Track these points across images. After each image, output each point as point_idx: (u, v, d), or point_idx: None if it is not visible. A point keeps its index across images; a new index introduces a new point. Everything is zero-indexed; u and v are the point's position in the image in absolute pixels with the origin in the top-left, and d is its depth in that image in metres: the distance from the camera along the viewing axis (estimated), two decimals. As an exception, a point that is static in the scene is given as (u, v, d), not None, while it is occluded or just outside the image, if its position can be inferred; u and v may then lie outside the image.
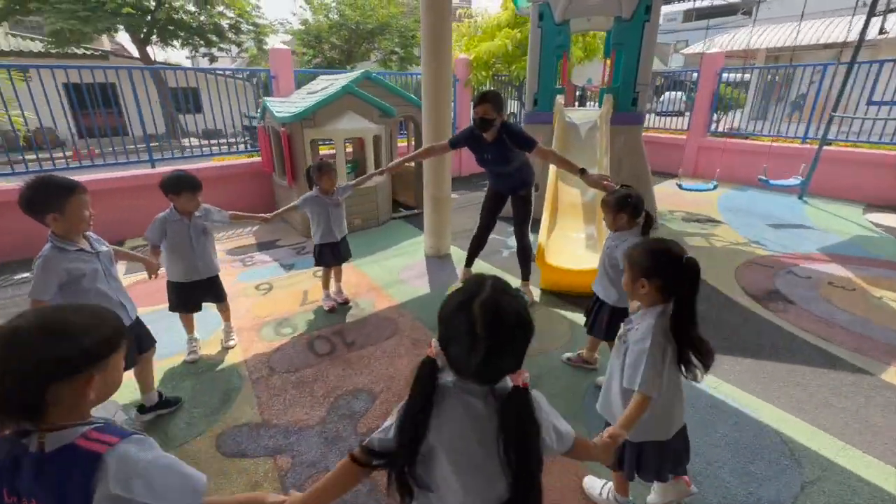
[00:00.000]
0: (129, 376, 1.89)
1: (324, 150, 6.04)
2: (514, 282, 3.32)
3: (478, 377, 0.84)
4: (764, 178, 5.33)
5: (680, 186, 5.46)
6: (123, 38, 15.22)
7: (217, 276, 2.57)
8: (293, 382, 2.31)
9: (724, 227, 4.90)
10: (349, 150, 6.02)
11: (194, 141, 7.27)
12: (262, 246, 4.48)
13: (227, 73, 6.63)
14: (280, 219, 3.13)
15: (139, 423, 1.97)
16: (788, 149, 6.29)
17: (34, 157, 4.39)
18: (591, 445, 1.04)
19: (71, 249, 1.58)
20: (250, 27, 15.94)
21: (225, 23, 15.24)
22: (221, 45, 15.82)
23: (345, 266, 3.25)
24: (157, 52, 15.57)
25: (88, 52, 13.88)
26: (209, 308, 2.61)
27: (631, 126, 4.72)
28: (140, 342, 1.89)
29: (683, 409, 1.37)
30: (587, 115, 4.80)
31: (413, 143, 5.94)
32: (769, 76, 7.42)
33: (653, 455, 1.37)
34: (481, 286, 0.83)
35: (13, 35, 13.35)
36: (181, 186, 2.27)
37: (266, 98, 4.62)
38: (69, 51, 12.58)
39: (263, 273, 3.76)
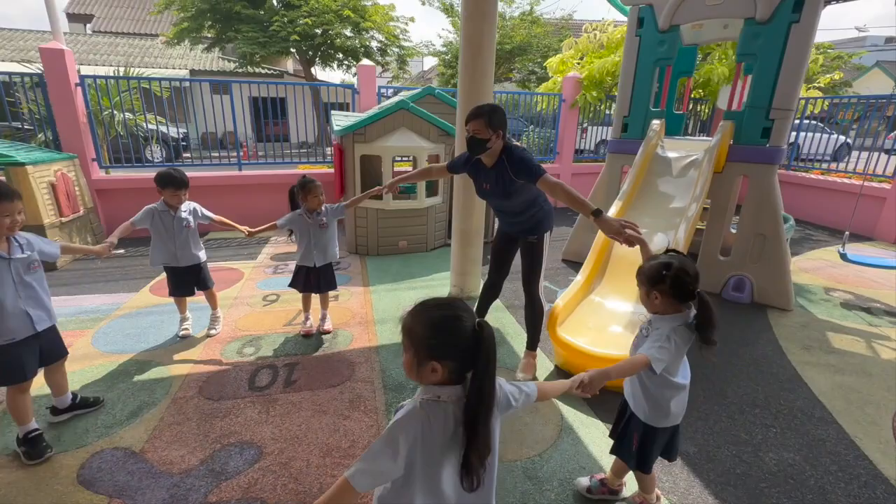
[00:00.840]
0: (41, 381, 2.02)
1: (401, 167, 6.13)
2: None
3: None
4: None
5: (844, 256, 3.91)
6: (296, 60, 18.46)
7: (201, 265, 2.85)
8: (203, 413, 2.17)
9: (911, 329, 3.28)
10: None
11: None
12: (302, 255, 4.67)
13: (316, 86, 7.28)
14: (261, 235, 3.13)
15: (47, 425, 2.03)
16: None
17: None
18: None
19: None
20: (396, 49, 17.69)
21: (375, 45, 17.21)
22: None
23: (358, 289, 3.10)
24: (317, 72, 18.45)
25: (269, 72, 17.18)
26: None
27: (759, 165, 3.52)
28: (45, 353, 1.91)
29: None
30: (690, 147, 3.75)
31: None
32: None
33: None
34: None
35: (222, 58, 17.38)
36: (166, 182, 2.60)
37: (334, 112, 4.85)
38: (256, 70, 15.78)
39: (282, 283, 3.84)
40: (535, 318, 2.59)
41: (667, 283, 1.37)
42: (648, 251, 1.70)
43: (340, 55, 16.62)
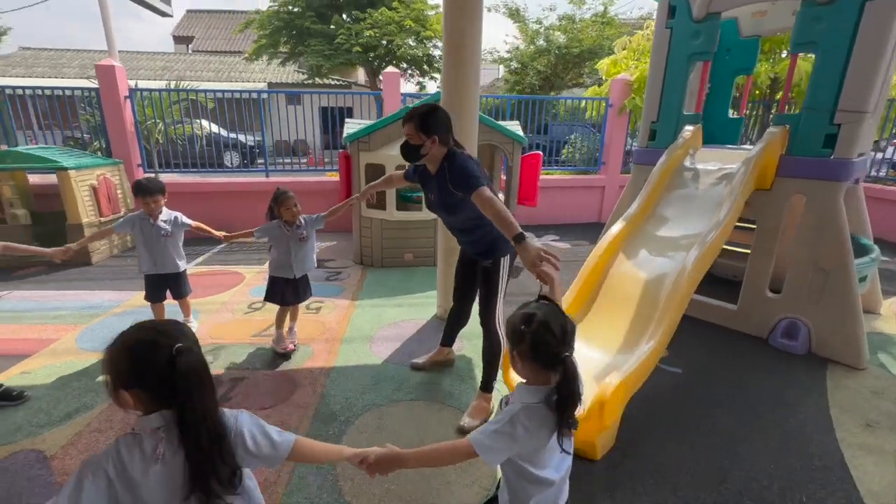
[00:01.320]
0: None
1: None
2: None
3: None
4: None
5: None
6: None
7: (180, 273, 2.96)
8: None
9: None
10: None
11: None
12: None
13: (342, 94, 7.47)
14: (236, 242, 3.21)
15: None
16: None
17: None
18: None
19: None
20: None
21: (437, 53, 17.50)
22: (433, 75, 18.23)
23: (344, 302, 3.04)
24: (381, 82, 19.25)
25: (338, 83, 18.26)
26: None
27: (819, 182, 2.84)
28: None
29: None
30: (727, 158, 3.14)
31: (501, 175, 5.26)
32: None
33: None
34: None
35: (297, 71, 18.83)
36: (137, 191, 2.73)
37: (348, 119, 4.88)
38: (325, 81, 16.88)
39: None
40: (490, 355, 2.29)
41: (526, 342, 1.05)
42: (557, 295, 1.36)
43: (404, 64, 17.12)
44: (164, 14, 6.46)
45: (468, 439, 1.04)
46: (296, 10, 15.17)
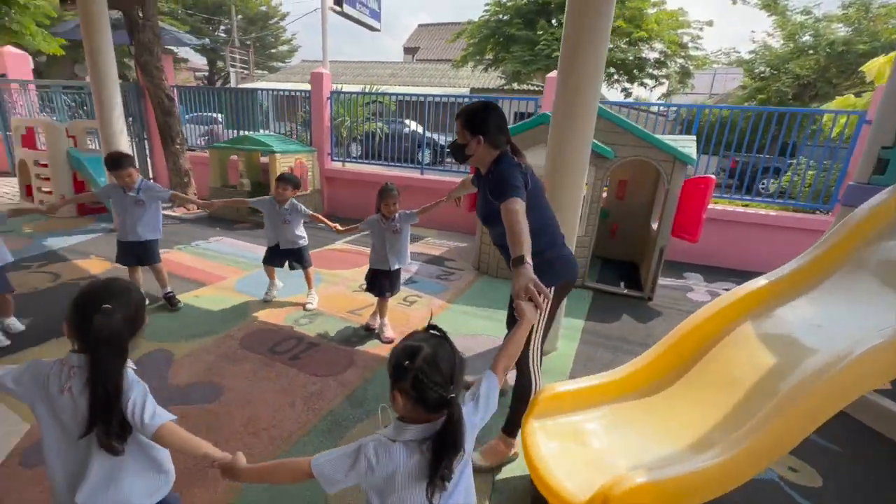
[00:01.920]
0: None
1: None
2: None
3: None
4: None
5: None
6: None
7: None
8: (225, 354, 2.82)
9: None
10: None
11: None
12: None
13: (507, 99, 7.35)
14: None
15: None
16: None
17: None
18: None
19: None
20: (681, 61, 16.02)
21: (653, 56, 16.00)
22: (644, 80, 16.78)
23: (439, 302, 3.30)
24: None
25: (535, 88, 18.61)
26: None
27: None
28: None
29: None
30: None
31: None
32: None
33: None
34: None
35: (500, 77, 19.97)
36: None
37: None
38: (523, 87, 17.52)
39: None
40: (519, 395, 2.05)
41: (407, 378, 0.95)
42: (519, 334, 1.22)
43: (611, 69, 16.23)
44: (373, 29, 7.86)
45: (311, 461, 1.00)
46: (505, 17, 16.06)
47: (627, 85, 16.97)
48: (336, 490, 0.99)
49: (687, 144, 4.28)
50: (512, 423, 2.07)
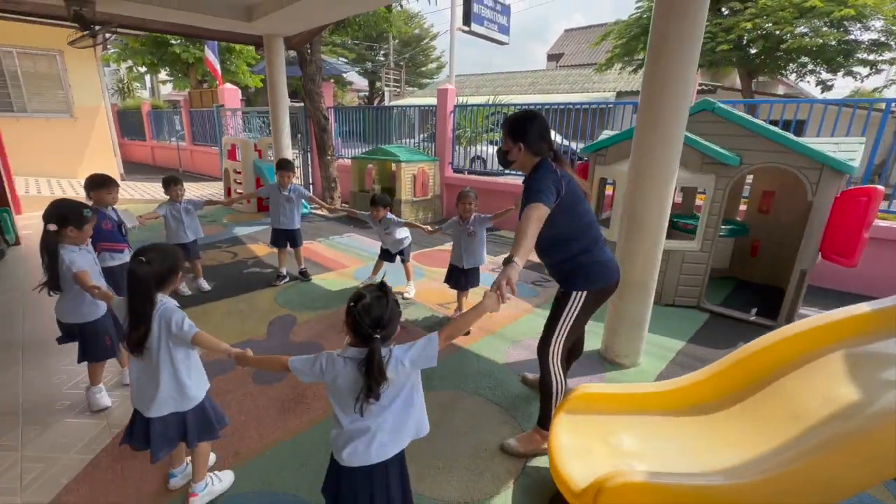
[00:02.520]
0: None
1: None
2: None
3: None
4: None
5: None
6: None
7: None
8: (323, 318, 3.52)
9: None
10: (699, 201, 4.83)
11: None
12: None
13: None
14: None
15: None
16: None
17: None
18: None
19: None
20: None
21: (867, 38, 13.18)
22: (853, 69, 13.89)
23: (527, 306, 3.70)
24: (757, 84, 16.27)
25: (701, 88, 16.90)
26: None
27: None
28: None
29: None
30: None
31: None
32: None
33: None
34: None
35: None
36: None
37: (606, 130, 4.87)
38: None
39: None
40: (544, 391, 2.20)
41: (350, 314, 1.34)
42: (467, 317, 1.56)
43: (805, 58, 13.82)
44: (501, 43, 8.27)
45: (289, 360, 1.47)
46: (660, 12, 14.93)
47: (828, 76, 14.17)
48: (306, 381, 1.45)
49: (848, 148, 3.63)
50: (543, 416, 2.23)
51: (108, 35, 4.55)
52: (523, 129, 2.00)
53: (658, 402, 2.00)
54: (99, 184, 2.88)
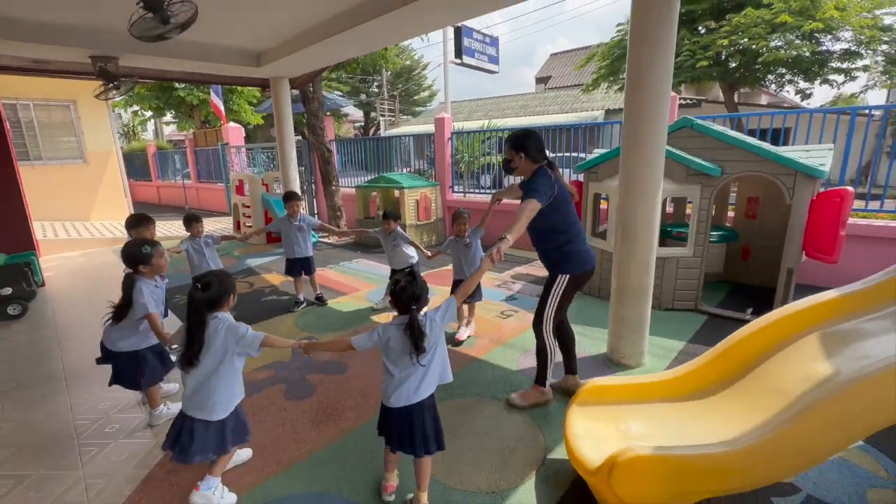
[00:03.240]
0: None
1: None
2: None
3: None
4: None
5: None
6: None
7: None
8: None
9: None
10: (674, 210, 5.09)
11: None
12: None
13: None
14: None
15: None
16: None
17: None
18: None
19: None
20: (884, 47, 13.54)
21: (839, 48, 13.81)
22: (830, 77, 14.50)
23: (530, 315, 3.77)
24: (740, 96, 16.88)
25: (685, 102, 17.51)
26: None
27: None
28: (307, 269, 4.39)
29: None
30: None
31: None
32: None
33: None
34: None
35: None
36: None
37: (597, 149, 5.21)
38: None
39: (497, 295, 4.92)
40: (539, 354, 2.71)
41: (394, 292, 1.84)
42: (475, 279, 2.09)
43: (782, 69, 14.44)
44: (491, 72, 8.77)
45: (351, 340, 1.90)
46: (639, 35, 15.64)
47: (806, 84, 14.78)
48: (363, 349, 1.90)
49: (818, 154, 3.96)
50: (539, 375, 2.73)
51: (130, 85, 4.92)
52: (523, 142, 2.46)
53: (659, 391, 2.22)
54: (136, 222, 3.17)
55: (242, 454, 2.34)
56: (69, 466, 2.36)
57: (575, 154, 6.80)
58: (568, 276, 2.49)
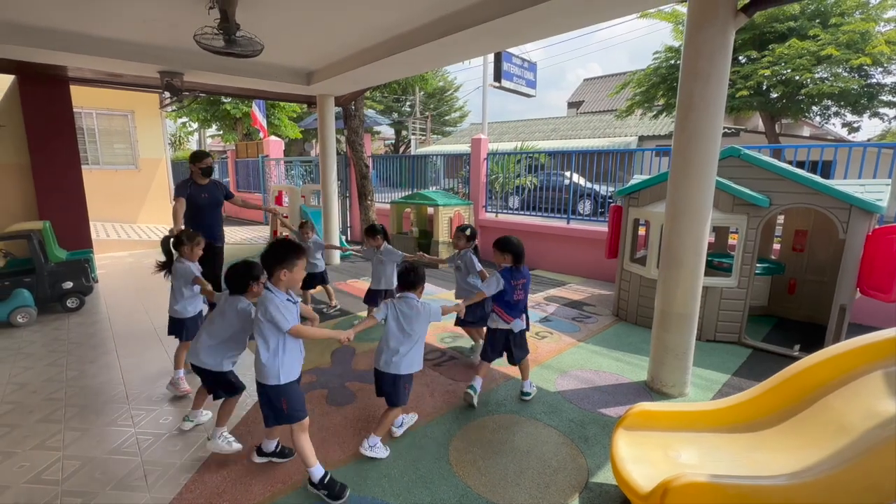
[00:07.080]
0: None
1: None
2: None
3: None
4: None
5: None
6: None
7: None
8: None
9: None
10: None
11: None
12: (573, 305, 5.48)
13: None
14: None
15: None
16: None
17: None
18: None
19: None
20: None
21: (890, 80, 13.49)
22: (880, 110, 14.14)
23: (570, 340, 3.92)
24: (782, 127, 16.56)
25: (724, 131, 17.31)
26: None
27: None
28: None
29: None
30: None
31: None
32: None
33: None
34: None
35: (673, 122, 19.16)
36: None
37: (637, 175, 5.23)
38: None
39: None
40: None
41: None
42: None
43: (828, 101, 14.16)
44: (528, 96, 8.96)
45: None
46: (677, 62, 15.69)
47: (854, 117, 14.42)
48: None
49: (875, 189, 3.88)
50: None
51: (192, 98, 5.27)
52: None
53: (709, 420, 2.20)
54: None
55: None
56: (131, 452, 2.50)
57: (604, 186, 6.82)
58: None
